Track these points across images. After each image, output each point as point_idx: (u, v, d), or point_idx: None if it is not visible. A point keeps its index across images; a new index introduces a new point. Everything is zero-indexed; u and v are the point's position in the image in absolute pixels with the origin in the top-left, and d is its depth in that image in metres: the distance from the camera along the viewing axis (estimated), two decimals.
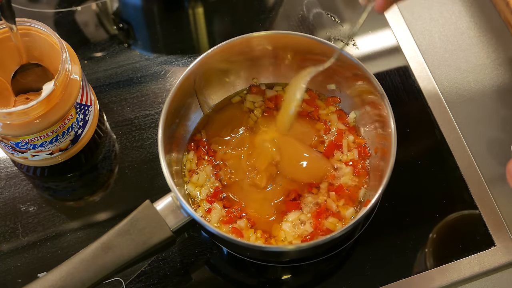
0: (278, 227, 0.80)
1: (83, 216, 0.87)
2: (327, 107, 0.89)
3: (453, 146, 0.90)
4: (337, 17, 1.02)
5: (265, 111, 0.89)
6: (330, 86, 0.88)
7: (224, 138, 0.87)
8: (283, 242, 0.79)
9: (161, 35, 1.03)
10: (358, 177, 0.83)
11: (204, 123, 0.88)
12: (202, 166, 0.85)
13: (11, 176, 0.90)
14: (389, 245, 0.84)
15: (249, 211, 0.81)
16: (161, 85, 0.96)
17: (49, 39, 0.81)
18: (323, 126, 0.87)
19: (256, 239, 0.79)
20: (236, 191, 0.83)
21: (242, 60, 0.87)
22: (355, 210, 0.81)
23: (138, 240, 0.74)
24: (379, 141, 0.83)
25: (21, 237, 0.85)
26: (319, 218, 0.80)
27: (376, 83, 0.80)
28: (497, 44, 0.99)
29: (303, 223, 0.80)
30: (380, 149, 0.82)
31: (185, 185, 0.83)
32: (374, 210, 0.85)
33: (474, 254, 0.83)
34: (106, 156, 0.91)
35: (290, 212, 0.81)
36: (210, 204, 0.82)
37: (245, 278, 0.84)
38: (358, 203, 0.82)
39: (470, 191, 0.87)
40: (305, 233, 0.79)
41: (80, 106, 0.83)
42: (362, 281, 0.82)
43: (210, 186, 0.83)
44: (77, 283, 0.71)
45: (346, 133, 0.86)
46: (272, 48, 0.86)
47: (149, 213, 0.75)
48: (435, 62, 0.98)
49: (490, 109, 0.94)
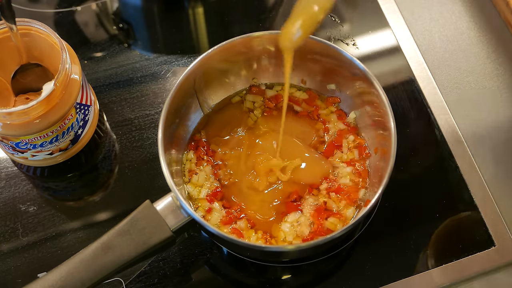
0: (278, 228, 0.80)
1: (83, 216, 0.87)
2: (327, 107, 0.89)
3: (453, 146, 0.90)
4: (337, 17, 1.02)
5: (265, 111, 0.89)
6: (330, 86, 0.88)
7: (224, 138, 0.87)
8: (283, 242, 0.79)
9: (161, 35, 1.03)
10: (358, 177, 0.83)
11: (204, 123, 0.88)
12: (202, 166, 0.85)
13: (11, 176, 0.90)
14: (389, 245, 0.84)
15: (249, 212, 0.81)
16: (161, 85, 0.96)
17: (49, 39, 0.81)
18: (323, 126, 0.87)
19: (256, 239, 0.79)
20: (236, 192, 0.83)
21: (242, 60, 0.88)
22: (355, 210, 0.81)
23: (138, 240, 0.74)
24: (379, 141, 0.83)
25: (21, 237, 0.85)
26: (319, 219, 0.80)
27: (376, 83, 0.80)
28: (497, 44, 0.99)
29: (303, 223, 0.80)
30: (380, 149, 0.82)
31: (185, 185, 0.83)
32: (374, 210, 0.85)
33: (474, 254, 0.83)
34: (106, 156, 0.91)
35: (290, 213, 0.81)
36: (210, 204, 0.82)
37: (245, 278, 0.84)
38: (358, 203, 0.82)
39: (470, 191, 0.87)
40: (306, 232, 0.79)
41: (80, 106, 0.83)
42: (362, 281, 0.82)
43: (210, 186, 0.83)
44: (77, 283, 0.71)
45: (346, 133, 0.86)
46: (272, 48, 0.86)
47: (149, 213, 0.75)
48: (435, 62, 0.98)
49: (490, 109, 0.94)
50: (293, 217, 0.80)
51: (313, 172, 0.84)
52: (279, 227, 0.80)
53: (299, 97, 0.89)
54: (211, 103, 0.89)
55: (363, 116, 0.86)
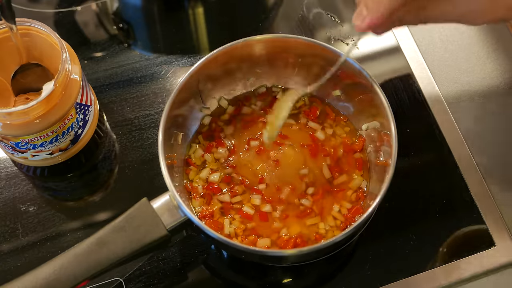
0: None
1: (83, 216, 0.87)
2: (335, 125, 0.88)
3: (453, 146, 0.90)
4: (337, 17, 1.02)
5: (267, 114, 0.89)
6: (335, 92, 0.88)
7: (225, 141, 0.87)
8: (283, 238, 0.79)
9: (161, 35, 1.03)
10: (359, 178, 0.83)
11: (205, 125, 0.88)
12: (201, 168, 0.85)
13: (11, 176, 0.90)
14: (389, 245, 0.84)
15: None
16: (161, 85, 0.96)
17: (49, 39, 0.81)
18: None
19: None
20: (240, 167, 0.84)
21: (244, 63, 0.87)
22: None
23: (133, 237, 0.74)
24: (379, 141, 0.83)
25: (21, 237, 0.85)
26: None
27: (375, 82, 0.80)
28: (497, 44, 0.99)
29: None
30: (380, 150, 0.82)
31: (184, 180, 0.83)
32: (374, 210, 0.85)
33: (474, 254, 0.83)
34: (106, 156, 0.91)
35: (293, 224, 0.81)
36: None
37: (246, 278, 0.84)
38: (359, 204, 0.82)
39: (470, 191, 0.87)
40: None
41: (80, 106, 0.83)
42: (362, 281, 0.82)
43: (206, 189, 0.83)
44: (70, 277, 0.72)
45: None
46: (278, 51, 0.86)
47: (145, 210, 0.75)
48: (435, 62, 0.98)
49: (490, 109, 0.94)
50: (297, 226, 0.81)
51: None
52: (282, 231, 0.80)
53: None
54: (213, 105, 0.89)
55: (364, 116, 0.86)
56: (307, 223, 0.81)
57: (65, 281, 0.72)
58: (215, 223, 0.80)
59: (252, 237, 0.79)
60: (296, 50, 0.85)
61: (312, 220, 0.81)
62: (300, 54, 0.85)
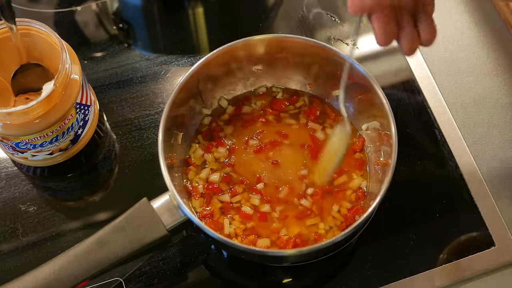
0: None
1: (83, 216, 0.87)
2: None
3: (453, 146, 0.90)
4: (337, 17, 1.02)
5: (269, 114, 0.89)
6: (335, 92, 0.88)
7: (225, 141, 0.87)
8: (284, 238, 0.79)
9: (161, 35, 1.03)
10: (359, 178, 0.83)
11: (205, 125, 0.88)
12: (201, 168, 0.85)
13: (11, 176, 0.90)
14: (389, 245, 0.84)
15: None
16: (161, 85, 0.96)
17: (49, 39, 0.81)
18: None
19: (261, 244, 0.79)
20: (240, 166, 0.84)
21: (244, 63, 0.87)
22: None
23: (133, 237, 0.74)
24: (379, 142, 0.83)
25: (21, 237, 0.85)
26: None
27: (375, 82, 0.80)
28: (497, 44, 0.99)
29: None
30: (380, 150, 0.82)
31: (184, 180, 0.83)
32: (374, 210, 0.85)
33: (474, 254, 0.83)
34: (106, 156, 0.91)
35: (292, 224, 0.81)
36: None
37: (246, 278, 0.84)
38: (359, 204, 0.82)
39: (470, 191, 0.87)
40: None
41: (80, 106, 0.83)
42: (362, 281, 0.82)
43: (206, 189, 0.83)
44: (70, 277, 0.72)
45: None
46: (279, 51, 0.86)
47: (145, 210, 0.75)
48: (435, 62, 0.98)
49: (490, 109, 0.94)
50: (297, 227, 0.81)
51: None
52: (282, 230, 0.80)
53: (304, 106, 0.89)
54: (213, 105, 0.89)
55: (364, 116, 0.86)
56: (307, 223, 0.81)
57: (65, 281, 0.72)
58: (215, 223, 0.80)
59: (252, 237, 0.79)
60: (296, 50, 0.85)
61: (312, 221, 0.81)
62: (300, 54, 0.85)
